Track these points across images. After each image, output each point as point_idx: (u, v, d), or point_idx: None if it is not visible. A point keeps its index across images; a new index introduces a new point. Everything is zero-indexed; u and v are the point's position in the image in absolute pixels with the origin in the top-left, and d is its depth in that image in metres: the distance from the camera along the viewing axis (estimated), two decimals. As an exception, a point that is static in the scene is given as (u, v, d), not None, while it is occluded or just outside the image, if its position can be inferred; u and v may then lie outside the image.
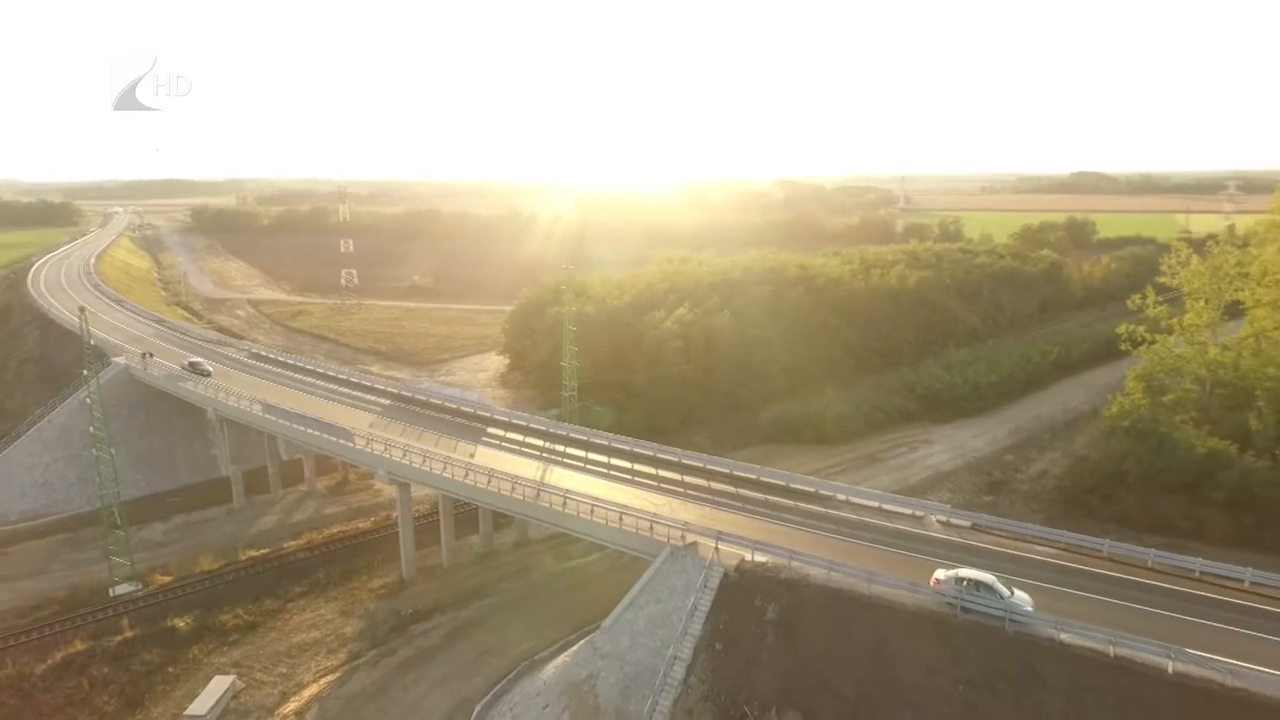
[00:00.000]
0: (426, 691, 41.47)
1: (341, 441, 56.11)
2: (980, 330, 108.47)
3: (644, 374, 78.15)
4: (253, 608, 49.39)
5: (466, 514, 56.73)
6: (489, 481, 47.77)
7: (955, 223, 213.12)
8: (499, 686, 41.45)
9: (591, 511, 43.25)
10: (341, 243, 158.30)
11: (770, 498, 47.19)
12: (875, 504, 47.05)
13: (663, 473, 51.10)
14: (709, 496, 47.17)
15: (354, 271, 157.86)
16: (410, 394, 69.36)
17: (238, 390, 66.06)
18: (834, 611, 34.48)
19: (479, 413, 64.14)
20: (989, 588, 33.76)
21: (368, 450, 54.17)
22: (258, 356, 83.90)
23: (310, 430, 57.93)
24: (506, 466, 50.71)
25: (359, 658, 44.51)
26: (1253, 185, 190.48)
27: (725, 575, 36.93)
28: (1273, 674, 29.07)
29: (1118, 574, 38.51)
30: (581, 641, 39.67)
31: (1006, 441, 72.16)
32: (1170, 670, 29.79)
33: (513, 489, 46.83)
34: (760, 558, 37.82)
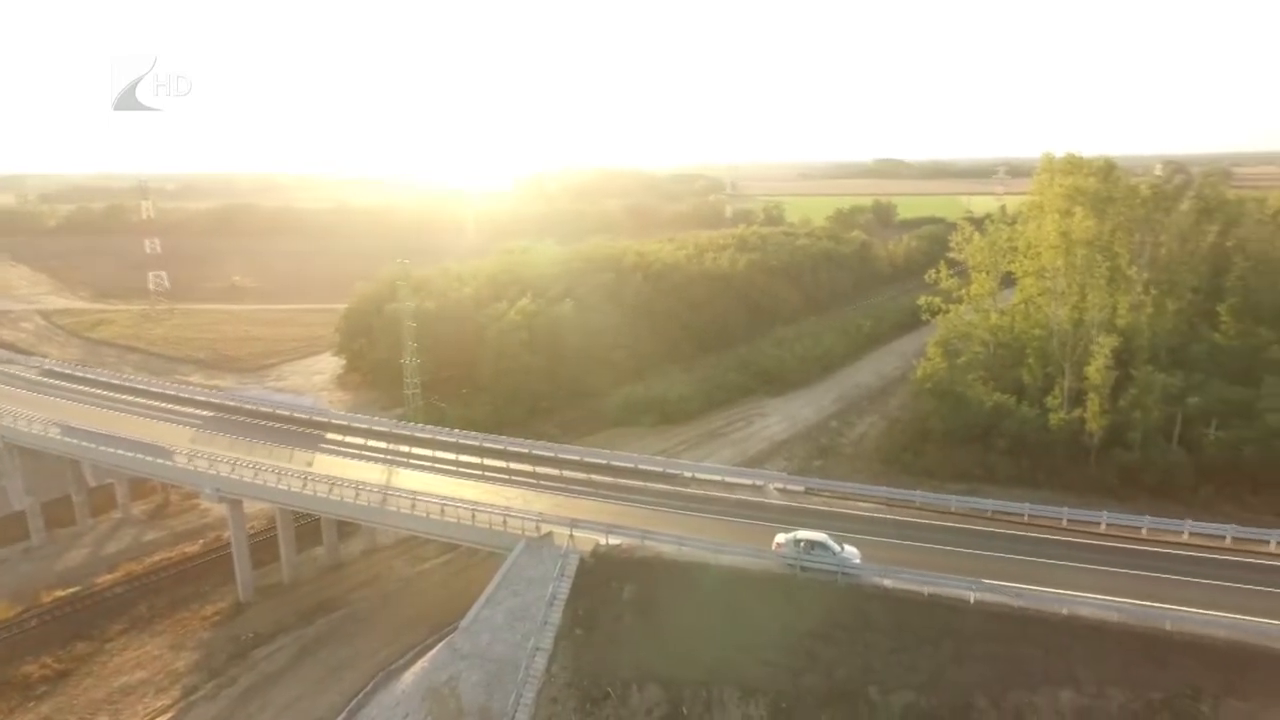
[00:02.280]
0: (274, 717, 38.76)
1: (159, 461, 50.90)
2: (804, 307, 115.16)
3: (489, 367, 76.69)
4: (62, 654, 43.76)
5: (308, 526, 53.28)
6: (330, 490, 45.12)
7: (778, 208, 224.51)
8: (354, 702, 39.45)
9: (442, 511, 41.98)
10: (147, 243, 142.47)
11: (621, 481, 47.84)
12: (719, 478, 48.92)
13: (514, 465, 50.48)
14: (562, 485, 47.12)
15: (163, 274, 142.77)
16: (236, 403, 64.04)
17: (29, 413, 58.24)
18: (687, 585, 35.59)
19: (315, 418, 60.34)
20: (823, 546, 36.14)
21: (190, 468, 49.52)
22: (52, 373, 74.26)
23: (121, 451, 52.11)
24: (349, 472, 48.11)
25: (195, 692, 40.80)
26: (1018, 170, 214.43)
27: (581, 561, 37.12)
28: (1050, 592, 33.21)
29: (928, 520, 42.43)
30: (440, 644, 38.54)
31: (831, 409, 77.27)
32: (972, 600, 33.29)
33: (357, 495, 44.52)
34: (615, 541, 38.34)
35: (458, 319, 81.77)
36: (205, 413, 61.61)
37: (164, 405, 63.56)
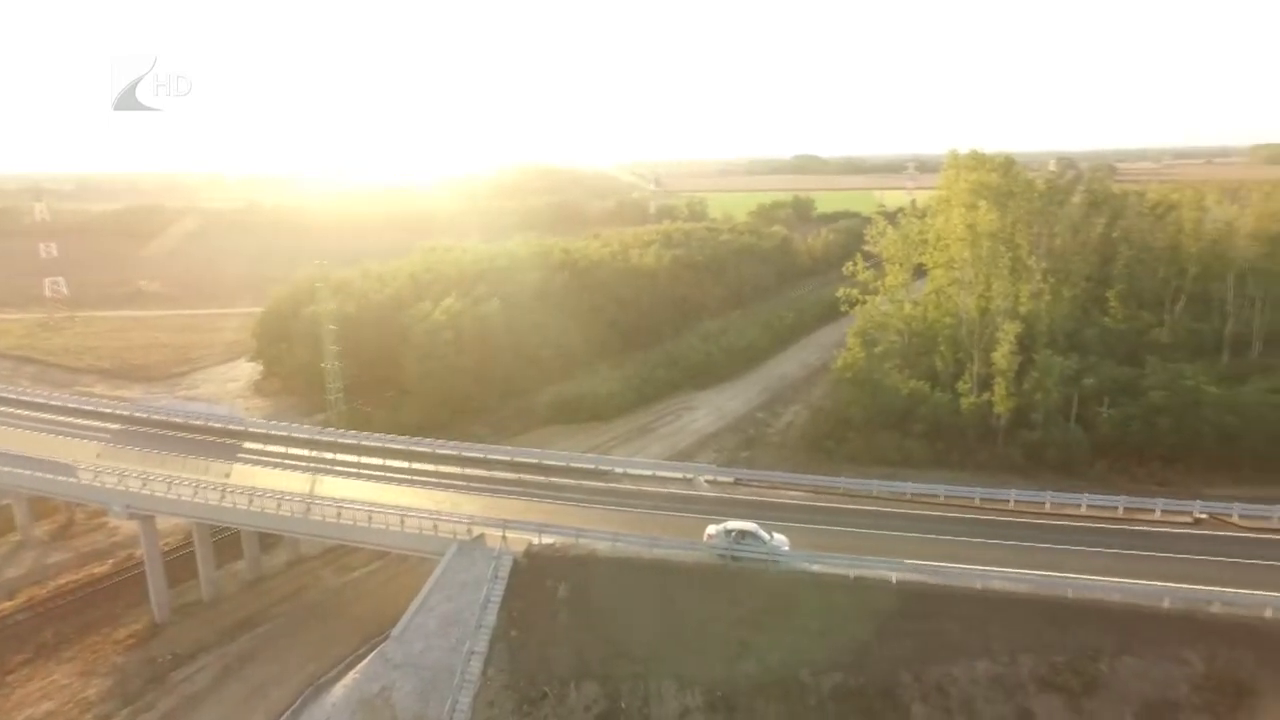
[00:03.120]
0: (198, 739, 37.07)
1: (61, 478, 47.76)
2: (728, 301, 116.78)
3: (415, 369, 74.92)
4: (-42, 690, 40.81)
5: (227, 539, 50.98)
6: (250, 501, 43.29)
7: (700, 203, 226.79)
8: (283, 719, 38.09)
9: (369, 518, 40.85)
10: (42, 247, 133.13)
11: (553, 479, 47.59)
12: (650, 472, 49.27)
13: (443, 468, 49.57)
14: (493, 486, 46.54)
15: (61, 279, 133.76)
16: (146, 414, 60.65)
17: (-90, 433, 53.91)
18: (622, 580, 35.75)
19: (232, 427, 57.74)
20: (753, 535, 36.85)
21: (96, 484, 46.66)
22: (-65, 390, 68.82)
23: (17, 470, 48.75)
24: (270, 482, 46.32)
25: None
26: (927, 166, 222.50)
27: (515, 562, 36.81)
28: (966, 568, 34.82)
29: (852, 505, 43.79)
30: (372, 654, 37.57)
31: (758, 400, 78.67)
32: (894, 580, 34.59)
33: (279, 506, 42.86)
34: (548, 539, 38.15)
35: (380, 321, 79.63)
36: (112, 425, 58.20)
37: (66, 419, 59.75)
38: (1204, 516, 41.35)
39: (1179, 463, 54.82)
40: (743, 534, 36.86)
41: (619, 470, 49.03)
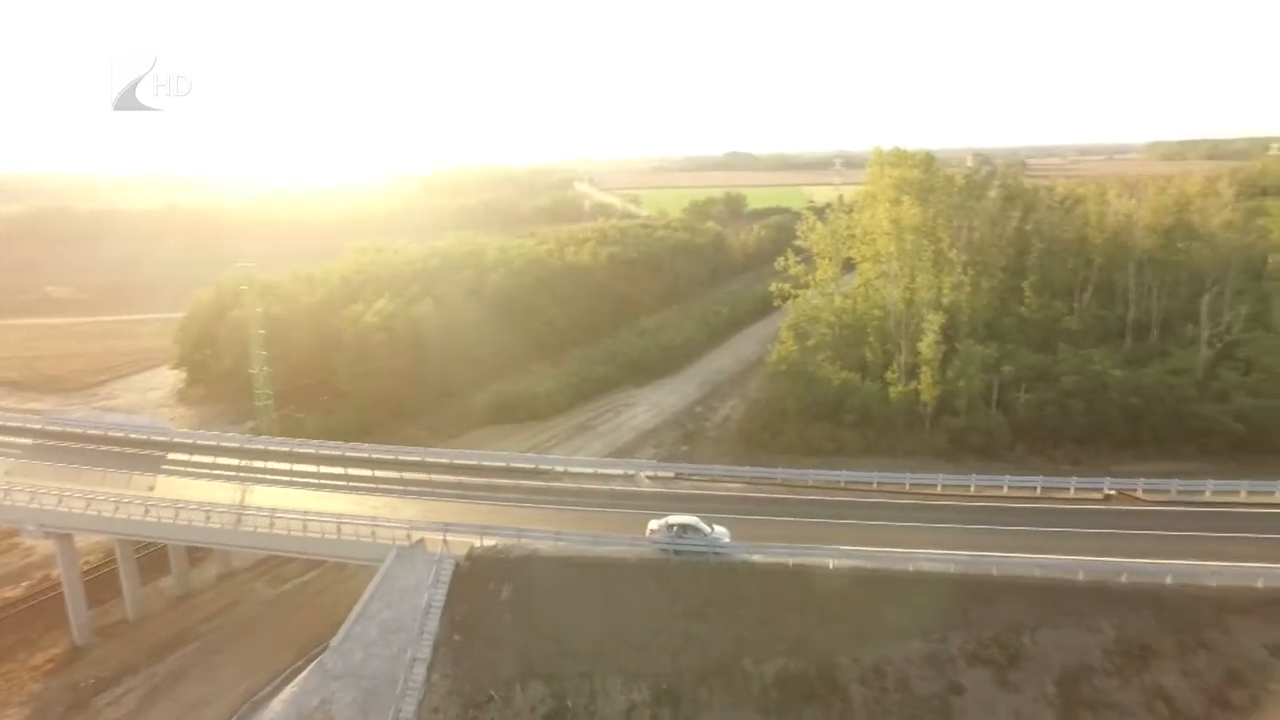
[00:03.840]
0: (126, 765, 35.36)
1: (-34, 499, 44.81)
2: (665, 297, 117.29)
3: (348, 372, 72.92)
4: None
5: (153, 555, 48.75)
6: (177, 515, 41.41)
7: (635, 200, 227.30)
8: (218, 737, 36.70)
9: (304, 527, 39.63)
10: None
11: (493, 480, 47.07)
12: (591, 470, 49.25)
13: (380, 473, 48.43)
14: (432, 490, 45.72)
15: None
16: (60, 427, 57.30)
17: None
18: (565, 579, 35.64)
19: (155, 438, 55.10)
20: (694, 528, 37.20)
21: (7, 503, 43.94)
22: None
23: (-83, 492, 45.44)
24: (197, 494, 44.41)
25: (28, 750, 36.50)
26: (853, 162, 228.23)
27: (457, 566, 36.30)
28: (899, 551, 35.95)
29: (790, 495, 44.68)
30: (310, 667, 36.46)
31: (695, 395, 79.35)
32: (831, 566, 35.47)
33: (208, 518, 41.17)
34: (490, 542, 37.74)
35: (311, 324, 77.18)
36: (23, 440, 54.80)
37: (-31, 436, 56.01)
38: (1113, 493, 43.73)
39: (1090, 443, 57.67)
40: (684, 528, 37.19)
41: (559, 469, 48.82)
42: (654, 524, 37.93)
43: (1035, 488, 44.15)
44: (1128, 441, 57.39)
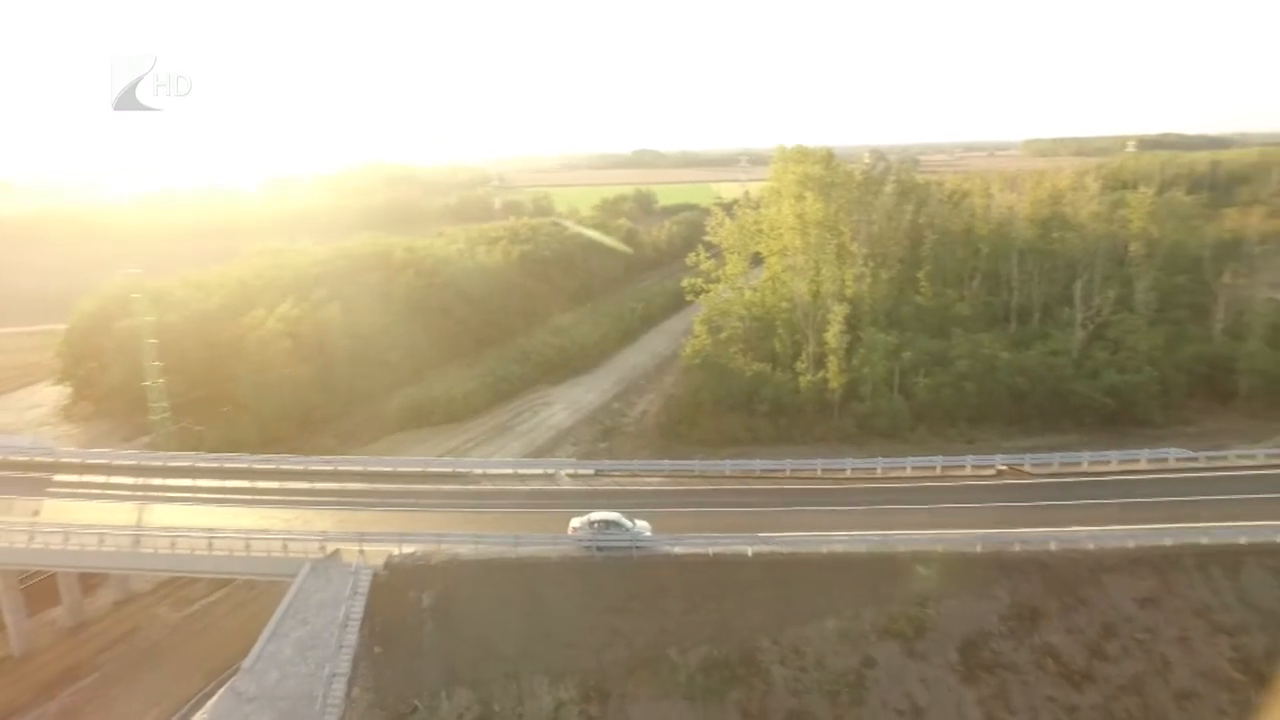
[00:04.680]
0: (17, 812, 32.70)
1: None
2: (579, 295, 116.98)
3: (251, 381, 69.34)
4: None
5: (41, 584, 45.10)
6: (66, 539, 38.51)
7: (545, 198, 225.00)
8: (122, 772, 34.43)
9: (210, 545, 37.56)
10: None
11: (410, 486, 45.84)
12: (510, 471, 48.69)
13: (290, 484, 46.39)
14: (346, 499, 44.13)
15: None
16: (-75, 454, 52.33)
17: None
18: (488, 582, 35.12)
19: (38, 459, 51.00)
20: (616, 524, 37.32)
21: None
22: None
23: None
24: (89, 517, 41.32)
25: (-99, 806, 33.24)
26: (758, 159, 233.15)
27: (375, 576, 35.22)
28: (813, 535, 37.12)
29: (708, 486, 45.46)
30: (221, 691, 34.64)
31: (613, 391, 79.54)
32: (750, 553, 36.29)
33: (101, 541, 38.45)
34: (409, 549, 36.75)
35: (208, 331, 73.00)
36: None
37: None
38: (1004, 468, 46.53)
39: (982, 422, 61.19)
40: (606, 524, 37.27)
41: (478, 471, 48.06)
42: (576, 522, 37.86)
43: (935, 467, 46.47)
44: (1015, 419, 61.16)
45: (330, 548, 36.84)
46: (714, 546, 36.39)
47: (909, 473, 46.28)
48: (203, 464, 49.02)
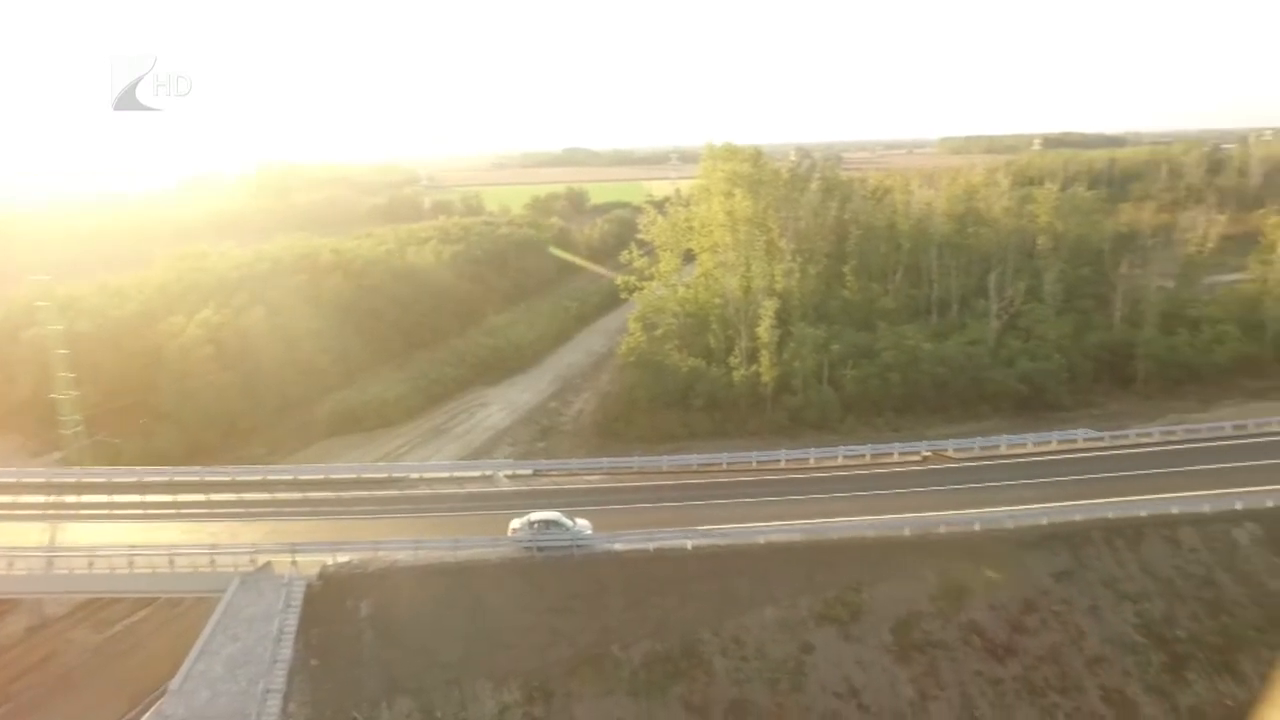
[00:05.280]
0: None
1: None
2: (513, 294, 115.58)
3: (172, 390, 65.98)
4: None
5: (-59, 613, 42.05)
6: (-31, 566, 35.98)
7: (476, 198, 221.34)
8: (39, 807, 32.39)
9: (131, 563, 35.65)
10: None
11: (344, 494, 44.61)
12: (447, 474, 47.88)
13: (216, 496, 44.54)
14: (277, 509, 42.60)
15: None
16: None
17: None
18: (427, 588, 34.44)
19: (-66, 481, 47.47)
20: (556, 523, 37.10)
21: None
22: None
23: None
24: (-5, 540, 38.73)
25: None
26: (688, 157, 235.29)
27: (309, 587, 34.09)
28: (750, 527, 37.72)
29: (646, 482, 45.62)
30: (146, 715, 32.93)
31: (549, 391, 78.92)
32: (690, 547, 36.64)
33: (10, 565, 36.04)
34: (344, 558, 35.76)
35: (124, 340, 69.07)
36: None
37: None
38: (929, 454, 48.28)
39: (907, 411, 63.16)
40: (546, 523, 37.01)
41: (414, 476, 47.09)
42: (515, 523, 37.47)
43: (865, 455, 47.84)
44: (938, 407, 63.37)
45: (261, 560, 35.50)
46: (654, 542, 36.55)
47: (840, 462, 47.50)
48: (120, 479, 46.50)
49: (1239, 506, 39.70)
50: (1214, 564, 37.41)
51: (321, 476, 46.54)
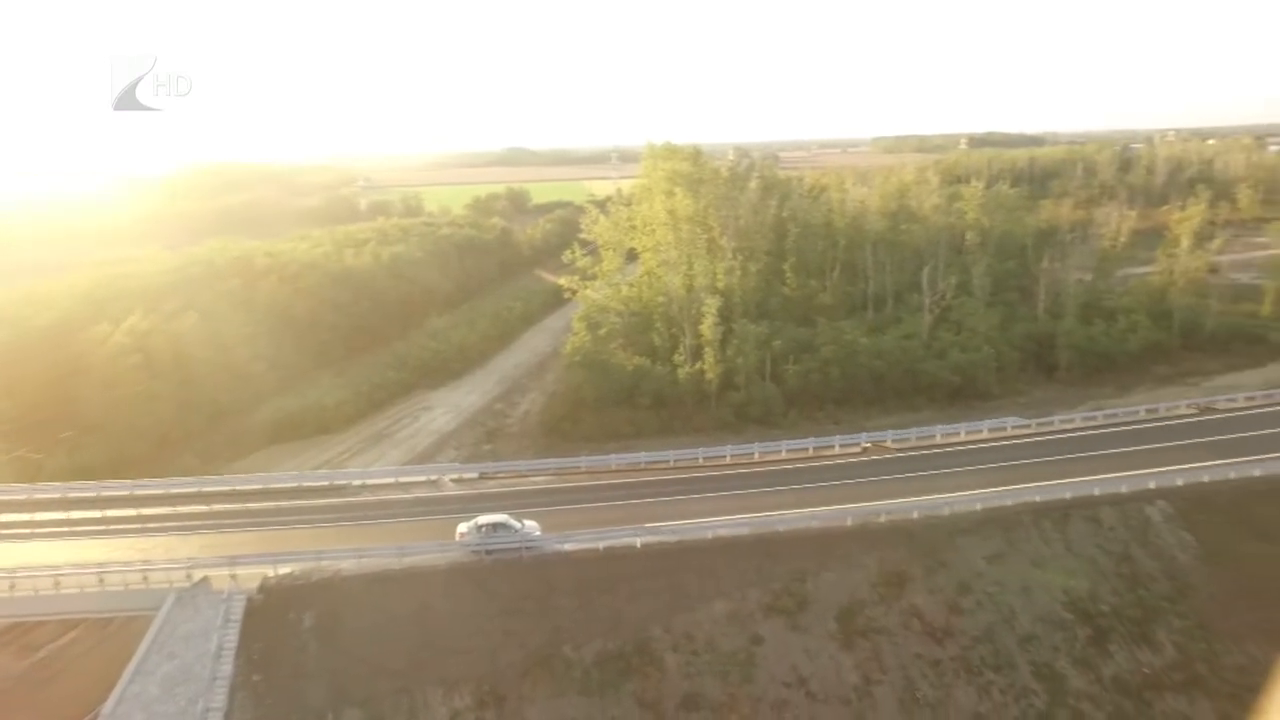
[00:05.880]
0: None
1: None
2: (455, 296, 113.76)
3: (98, 401, 62.73)
4: None
5: None
6: (-125, 594, 33.61)
7: (416, 198, 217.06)
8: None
9: (56, 584, 33.91)
10: None
11: (284, 503, 43.23)
12: (392, 480, 46.88)
13: (147, 511, 42.62)
14: (214, 522, 41.09)
15: None
16: None
17: None
18: (374, 596, 33.69)
19: None
20: (504, 526, 36.73)
21: None
22: None
23: None
24: (-98, 566, 36.24)
25: None
26: (628, 157, 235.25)
27: (249, 601, 32.98)
28: (698, 522, 38.07)
29: (595, 482, 45.57)
30: (77, 742, 31.42)
31: (494, 392, 77.97)
32: (639, 545, 36.72)
33: (-79, 592, 33.83)
34: (286, 569, 34.68)
35: (44, 349, 65.37)
36: None
37: None
38: (869, 445, 49.49)
39: (846, 403, 64.61)
40: (493, 526, 36.60)
41: (357, 483, 46.00)
42: (463, 527, 36.95)
43: (808, 448, 48.75)
44: (875, 399, 65.00)
45: (197, 575, 34.19)
46: (603, 541, 36.53)
47: (784, 456, 48.30)
48: (43, 495, 44.09)
49: (1152, 485, 41.96)
50: (1130, 540, 39.42)
51: (260, 486, 45.03)
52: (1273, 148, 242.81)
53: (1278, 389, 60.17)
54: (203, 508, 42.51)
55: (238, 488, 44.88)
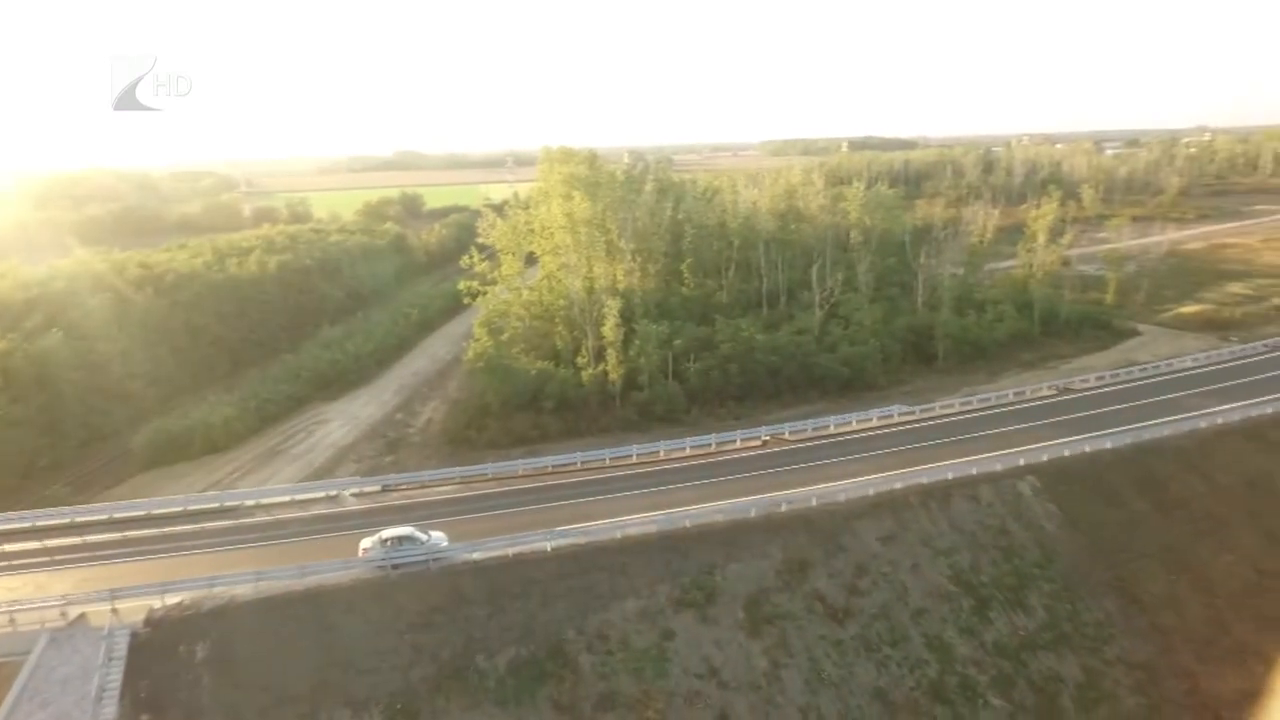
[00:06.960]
0: None
1: None
2: (349, 304, 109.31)
3: (-55, 429, 56.61)
4: None
5: None
6: None
7: (303, 204, 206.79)
8: None
9: (-97, 636, 30.39)
10: None
11: (170, 529, 40.47)
12: (288, 498, 44.69)
13: (11, 547, 38.83)
14: (91, 554, 37.91)
15: None
16: None
17: None
18: (273, 620, 31.99)
19: None
20: (409, 538, 35.67)
21: None
22: None
23: None
24: None
25: None
26: (524, 160, 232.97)
27: (134, 636, 30.66)
28: (607, 523, 38.18)
29: (502, 488, 44.97)
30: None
31: (394, 402, 75.38)
32: (549, 548, 36.52)
33: None
34: (174, 599, 32.43)
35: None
36: None
37: None
38: (769, 438, 51.10)
39: (746, 399, 66.32)
40: (398, 540, 35.50)
41: (250, 503, 43.53)
42: (366, 542, 35.64)
43: (711, 444, 49.83)
44: (772, 393, 67.08)
45: (74, 612, 31.51)
46: (514, 547, 36.13)
47: (689, 452, 49.18)
48: (-119, 539, 39.33)
49: (1022, 463, 45.43)
50: (1006, 515, 42.53)
51: (142, 513, 41.87)
52: (1109, 151, 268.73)
53: (1123, 369, 66.45)
54: (76, 539, 39.15)
55: (116, 515, 41.56)
